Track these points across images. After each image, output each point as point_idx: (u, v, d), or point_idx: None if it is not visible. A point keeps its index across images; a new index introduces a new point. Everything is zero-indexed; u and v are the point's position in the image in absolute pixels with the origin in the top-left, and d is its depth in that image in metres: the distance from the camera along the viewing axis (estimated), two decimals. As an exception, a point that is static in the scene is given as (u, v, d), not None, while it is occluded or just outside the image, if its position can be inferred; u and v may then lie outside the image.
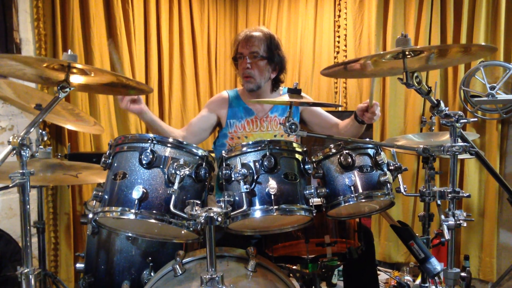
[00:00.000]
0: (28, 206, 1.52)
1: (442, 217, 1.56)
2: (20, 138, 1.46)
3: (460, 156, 1.70)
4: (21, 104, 2.29)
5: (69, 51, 1.60)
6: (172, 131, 2.45)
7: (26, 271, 1.52)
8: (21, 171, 1.49)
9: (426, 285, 2.26)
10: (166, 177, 1.50)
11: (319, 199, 1.72)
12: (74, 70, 1.64)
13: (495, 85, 3.15)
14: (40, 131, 1.83)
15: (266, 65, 2.48)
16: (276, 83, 2.60)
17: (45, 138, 2.19)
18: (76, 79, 1.72)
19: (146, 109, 2.28)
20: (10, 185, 1.48)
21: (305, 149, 1.68)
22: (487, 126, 3.40)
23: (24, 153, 1.48)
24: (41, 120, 1.59)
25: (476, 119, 3.33)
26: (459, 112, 1.56)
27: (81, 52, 3.24)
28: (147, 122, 2.34)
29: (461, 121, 1.55)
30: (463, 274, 1.62)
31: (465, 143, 1.56)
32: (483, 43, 3.20)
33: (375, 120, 2.30)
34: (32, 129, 1.52)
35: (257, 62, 2.45)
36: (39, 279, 2.51)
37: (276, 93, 2.60)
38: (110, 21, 3.50)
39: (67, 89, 1.62)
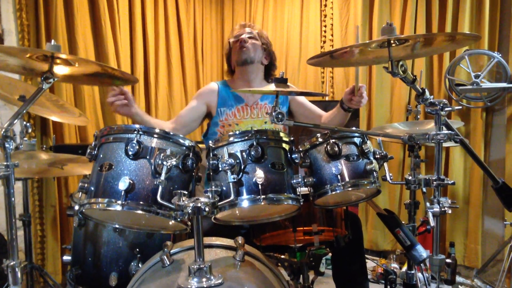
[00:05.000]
0: (13, 199, 1.51)
1: (428, 204, 1.57)
2: (3, 130, 1.44)
3: (445, 144, 1.71)
4: (4, 95, 2.26)
5: (53, 41, 1.58)
6: (161, 124, 2.46)
7: (12, 263, 1.51)
8: (5, 163, 1.47)
9: (413, 272, 2.29)
10: (152, 168, 1.49)
11: (306, 188, 1.73)
12: (58, 61, 1.62)
13: (479, 73, 3.18)
14: (25, 123, 1.82)
15: (260, 47, 2.60)
16: (267, 73, 2.68)
17: (30, 130, 2.18)
18: (60, 69, 1.69)
19: (138, 111, 2.30)
20: (-6, 178, 1.47)
21: (292, 138, 1.69)
22: (472, 114, 3.44)
23: (8, 145, 1.47)
24: (24, 111, 1.57)
25: (461, 107, 3.37)
26: (444, 100, 1.57)
27: (65, 42, 3.20)
28: (138, 123, 2.33)
29: (446, 109, 1.56)
30: (448, 260, 1.64)
31: (449, 131, 1.57)
32: (467, 32, 3.22)
33: (363, 104, 2.36)
34: (16, 120, 1.51)
35: (252, 40, 2.58)
36: (26, 272, 2.51)
37: (269, 84, 2.63)
38: (94, 10, 3.46)
39: (51, 80, 1.60)
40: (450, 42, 1.72)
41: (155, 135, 1.54)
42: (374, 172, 1.70)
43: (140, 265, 1.83)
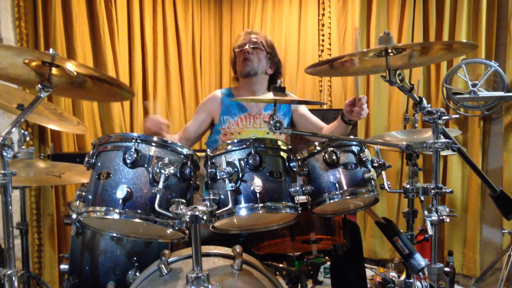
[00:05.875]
0: (10, 207, 1.51)
1: (426, 213, 1.57)
2: (1, 138, 1.44)
3: (443, 153, 1.72)
4: (2, 104, 2.26)
5: (51, 50, 1.58)
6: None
7: (9, 272, 1.50)
8: (2, 171, 1.47)
9: (411, 280, 2.28)
10: (150, 176, 1.49)
11: (304, 197, 1.73)
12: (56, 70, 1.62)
13: (477, 82, 3.19)
14: (23, 131, 1.81)
15: (265, 57, 2.58)
16: (272, 82, 2.66)
17: (28, 138, 2.17)
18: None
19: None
20: (-8, 186, 1.47)
21: (290, 147, 1.69)
22: (470, 123, 3.45)
23: (5, 154, 1.47)
24: (23, 120, 1.57)
25: (458, 116, 3.37)
26: (441, 109, 1.57)
27: (63, 52, 3.20)
28: None
29: (443, 118, 1.57)
30: (446, 269, 1.64)
31: (447, 140, 1.57)
32: (464, 41, 3.24)
33: (364, 115, 2.29)
34: (14, 129, 1.51)
35: (257, 50, 2.56)
36: (23, 280, 2.50)
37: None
38: (93, 20, 3.47)
39: (49, 89, 1.60)
40: (447, 51, 1.73)
41: (153, 144, 1.54)
42: (372, 181, 1.71)
43: (137, 274, 1.82)
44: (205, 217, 1.35)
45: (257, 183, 1.51)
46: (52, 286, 3.00)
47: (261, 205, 1.50)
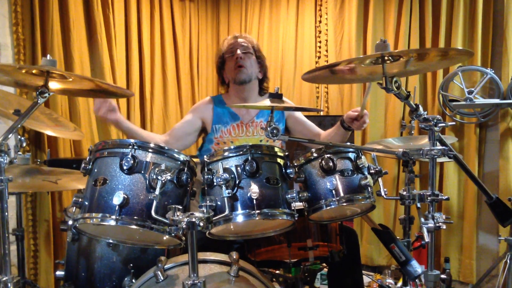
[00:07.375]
0: (6, 213, 1.51)
1: (422, 219, 1.58)
2: (-2, 144, 1.44)
3: (439, 160, 1.72)
4: (-1, 109, 2.26)
5: (48, 56, 1.59)
6: (153, 137, 2.43)
7: (4, 279, 1.49)
8: (-2, 177, 1.47)
9: (408, 287, 2.29)
10: (147, 182, 1.49)
11: (301, 203, 1.72)
12: (54, 75, 1.62)
13: (473, 89, 3.20)
14: (19, 137, 1.81)
15: (256, 62, 2.55)
16: (261, 88, 2.63)
17: (24, 144, 2.17)
18: (55, 84, 1.70)
19: (122, 118, 2.27)
20: (-12, 192, 1.46)
21: (286, 153, 1.69)
22: (466, 130, 3.46)
23: (2, 159, 1.47)
24: (19, 125, 1.57)
25: (454, 123, 3.38)
26: (437, 116, 1.58)
27: (60, 57, 3.20)
28: (124, 132, 2.32)
29: (439, 125, 1.57)
30: (443, 276, 1.64)
31: (443, 147, 1.58)
32: (460, 47, 3.25)
33: (364, 127, 2.35)
34: (11, 135, 1.51)
35: (248, 55, 2.52)
36: (18, 287, 2.48)
37: (263, 98, 2.61)
38: (90, 25, 3.47)
39: (46, 95, 1.60)
40: (444, 58, 1.73)
41: (150, 150, 1.54)
42: (369, 187, 1.71)
43: (133, 280, 1.81)
44: (201, 224, 1.35)
45: (254, 190, 1.52)
46: (47, 293, 2.99)
47: (257, 211, 1.50)
